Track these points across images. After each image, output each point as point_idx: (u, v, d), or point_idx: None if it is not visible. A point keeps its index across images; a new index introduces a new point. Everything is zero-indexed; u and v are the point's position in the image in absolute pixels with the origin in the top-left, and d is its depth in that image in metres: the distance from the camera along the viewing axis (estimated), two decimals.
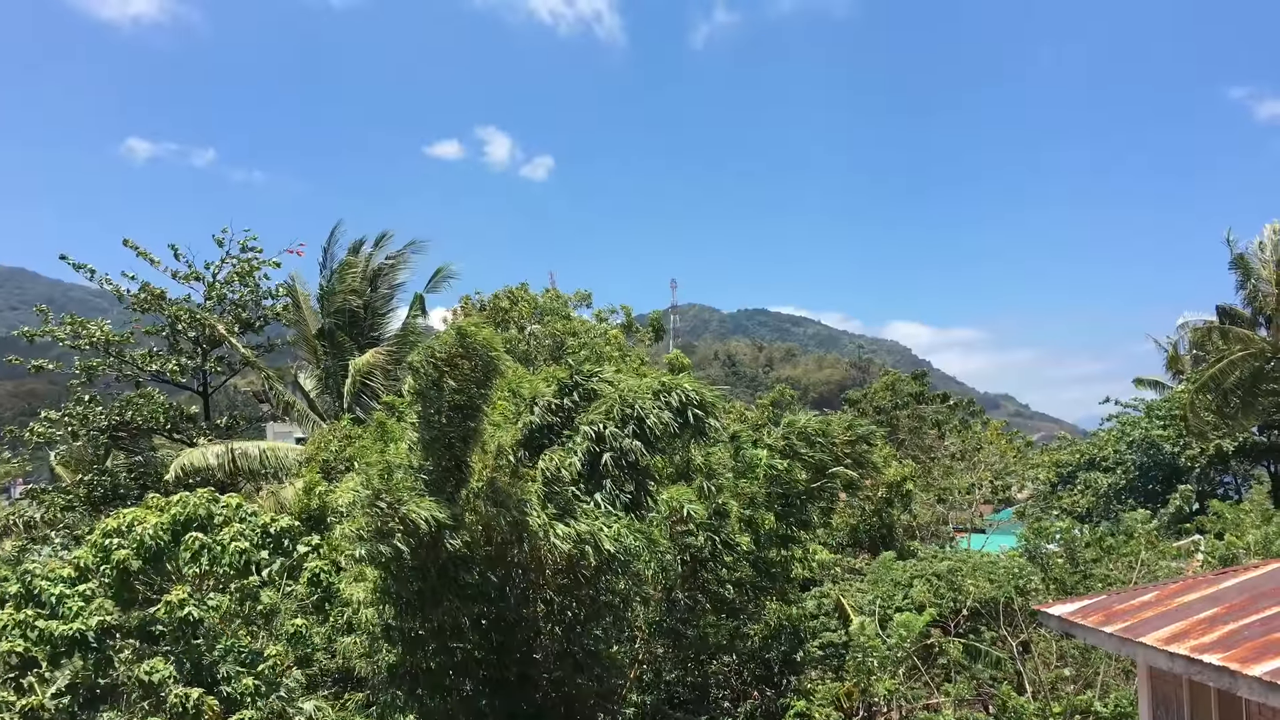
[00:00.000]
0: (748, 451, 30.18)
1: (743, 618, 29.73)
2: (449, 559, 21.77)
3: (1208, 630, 13.27)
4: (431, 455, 22.44)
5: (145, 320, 52.72)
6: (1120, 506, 69.35)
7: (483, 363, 21.85)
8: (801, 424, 31.14)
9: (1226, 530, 39.99)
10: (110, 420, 50.18)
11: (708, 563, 27.82)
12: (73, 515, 47.03)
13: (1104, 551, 35.62)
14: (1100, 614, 15.87)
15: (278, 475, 41.37)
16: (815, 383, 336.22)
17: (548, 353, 47.44)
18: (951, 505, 57.86)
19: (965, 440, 71.83)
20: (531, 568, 23.51)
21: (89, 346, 51.15)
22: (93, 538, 25.27)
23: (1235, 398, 65.93)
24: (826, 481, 30.76)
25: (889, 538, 46.85)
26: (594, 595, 24.24)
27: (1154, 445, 77.22)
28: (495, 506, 22.03)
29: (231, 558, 24.54)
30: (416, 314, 50.53)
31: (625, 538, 22.28)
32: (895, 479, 46.24)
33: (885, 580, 34.44)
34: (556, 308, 53.35)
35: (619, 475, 23.47)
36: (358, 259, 49.16)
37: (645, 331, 61.91)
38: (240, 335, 52.53)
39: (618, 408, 23.63)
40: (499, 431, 23.82)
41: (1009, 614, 31.32)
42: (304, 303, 49.78)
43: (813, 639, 31.40)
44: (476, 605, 22.93)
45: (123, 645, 23.90)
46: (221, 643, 23.27)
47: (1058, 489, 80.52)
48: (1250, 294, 67.81)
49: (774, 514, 29.50)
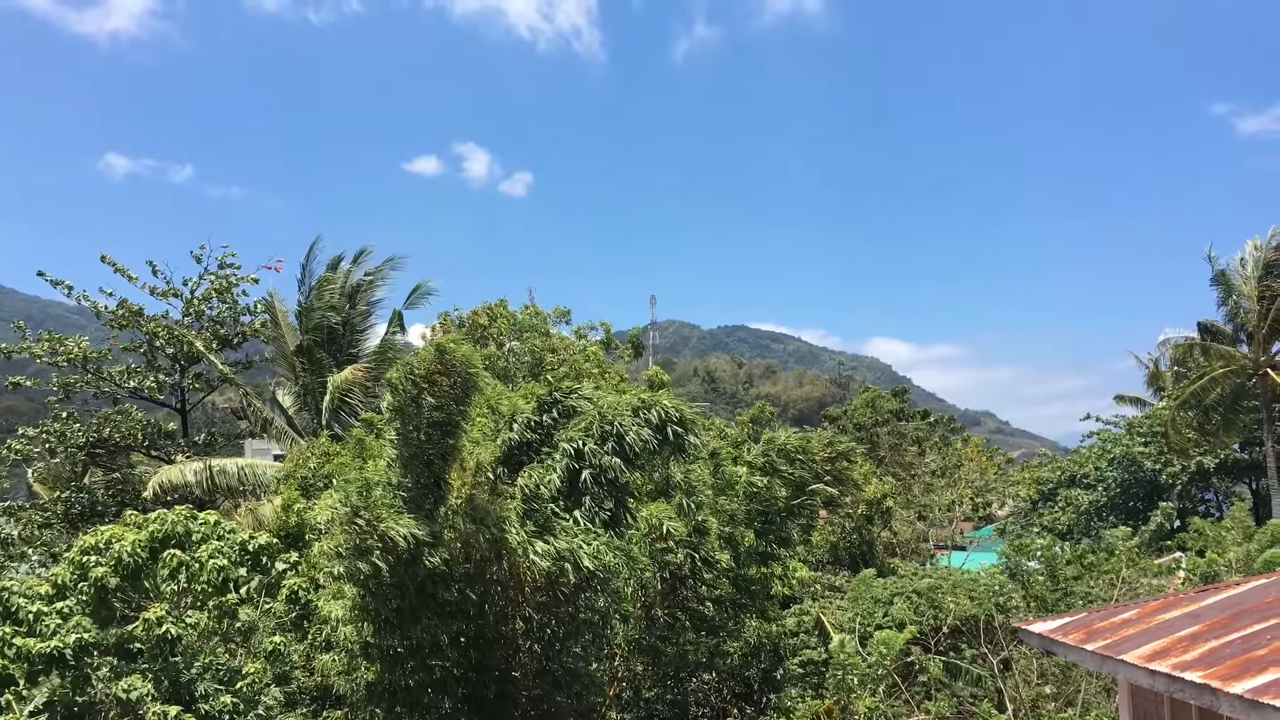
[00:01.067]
0: (727, 468, 30.15)
1: (722, 635, 29.65)
2: (428, 576, 21.67)
3: (1189, 648, 13.22)
4: (410, 472, 22.34)
5: (123, 337, 52.67)
6: (1101, 524, 69.67)
7: (462, 379, 21.78)
8: (781, 441, 31.15)
9: (1208, 547, 40.11)
10: (88, 437, 50.10)
11: (687, 580, 27.77)
12: (50, 532, 47.00)
13: (1085, 569, 35.62)
14: (1081, 631, 15.82)
15: (256, 492, 41.27)
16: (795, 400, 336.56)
17: (527, 369, 47.41)
18: (932, 522, 57.95)
19: (946, 457, 71.86)
20: (510, 585, 23.43)
21: (67, 363, 51.11)
22: (70, 555, 25.13)
23: (1216, 415, 66.30)
24: (806, 499, 30.77)
25: (869, 555, 46.88)
26: (573, 613, 24.15)
27: (1135, 462, 77.53)
28: (474, 524, 21.95)
29: (210, 575, 24.41)
30: (395, 330, 50.45)
31: (604, 555, 22.21)
32: (875, 496, 46.29)
33: (865, 598, 34.40)
34: (535, 324, 53.30)
35: (598, 492, 23.38)
36: (336, 275, 49.01)
37: (624, 348, 61.79)
38: (218, 352, 52.51)
39: (597, 425, 23.55)
40: (478, 448, 23.75)
41: (990, 631, 31.31)
42: (282, 319, 49.63)
43: (793, 656, 31.39)
44: (455, 622, 22.82)
45: (100, 663, 23.71)
46: (199, 660, 23.16)
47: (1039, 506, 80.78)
48: (1232, 310, 68.25)
49: (754, 531, 29.48)
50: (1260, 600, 14.89)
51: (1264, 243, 66.88)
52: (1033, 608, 32.69)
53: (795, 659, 31.35)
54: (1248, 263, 67.02)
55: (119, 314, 51.19)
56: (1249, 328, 67.07)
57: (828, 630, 32.82)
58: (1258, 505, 71.49)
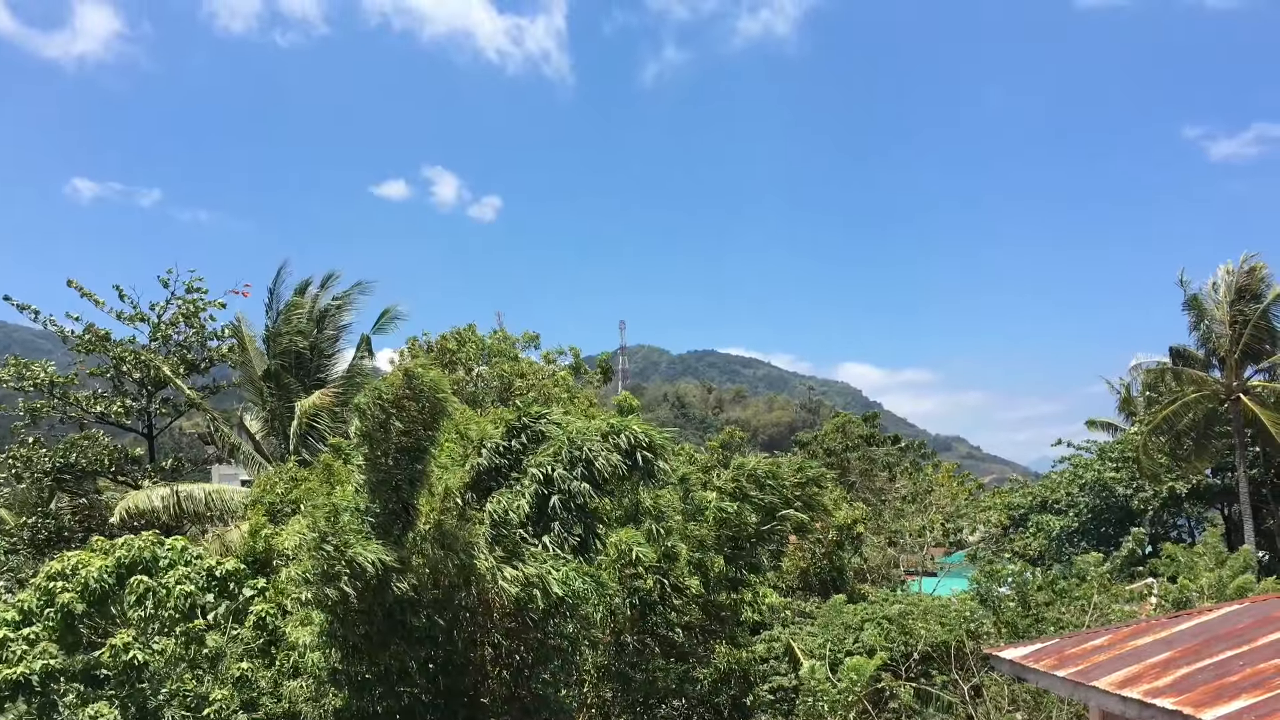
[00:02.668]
0: (697, 494, 30.14)
1: (692, 661, 29.59)
2: (396, 602, 21.58)
3: (1161, 674, 13.17)
4: (378, 498, 22.25)
5: (90, 362, 52.53)
6: (1073, 549, 69.70)
7: (430, 404, 21.71)
8: (751, 466, 31.13)
9: (1180, 573, 40.10)
10: (54, 462, 49.84)
11: (657, 606, 27.72)
12: (16, 558, 46.60)
13: (1056, 595, 35.54)
14: (1053, 658, 15.77)
15: (223, 518, 41.05)
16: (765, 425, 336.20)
17: (495, 394, 47.32)
18: (903, 548, 57.98)
19: (916, 483, 71.96)
20: (479, 611, 23.34)
21: (33, 388, 50.88)
22: (37, 581, 25.05)
23: (1188, 440, 66.43)
24: (776, 524, 30.74)
25: (839, 581, 46.74)
26: (542, 639, 24.07)
27: (1106, 488, 77.57)
28: (442, 549, 21.86)
29: (177, 601, 24.32)
30: (363, 355, 50.20)
31: (574, 581, 22.16)
32: (846, 522, 46.18)
33: (836, 624, 34.27)
34: (504, 349, 53.28)
35: (567, 518, 23.29)
36: (304, 300, 48.80)
37: (594, 373, 61.81)
38: (185, 377, 52.27)
39: (566, 450, 23.46)
40: (446, 474, 23.66)
41: (960, 658, 31.19)
42: (250, 344, 49.40)
43: (762, 683, 31.26)
44: (424, 649, 22.74)
45: (67, 689, 23.59)
46: (166, 687, 23.06)
47: (1010, 532, 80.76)
48: (1204, 335, 68.41)
49: (723, 557, 29.45)
50: (1232, 626, 14.86)
51: (1236, 267, 67.02)
52: (1004, 634, 32.60)
53: (765, 685, 31.22)
54: (1220, 287, 67.20)
55: (86, 339, 51.07)
56: (1221, 352, 67.21)
57: (798, 656, 32.68)
58: (1230, 531, 71.63)
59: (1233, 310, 66.07)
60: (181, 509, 41.32)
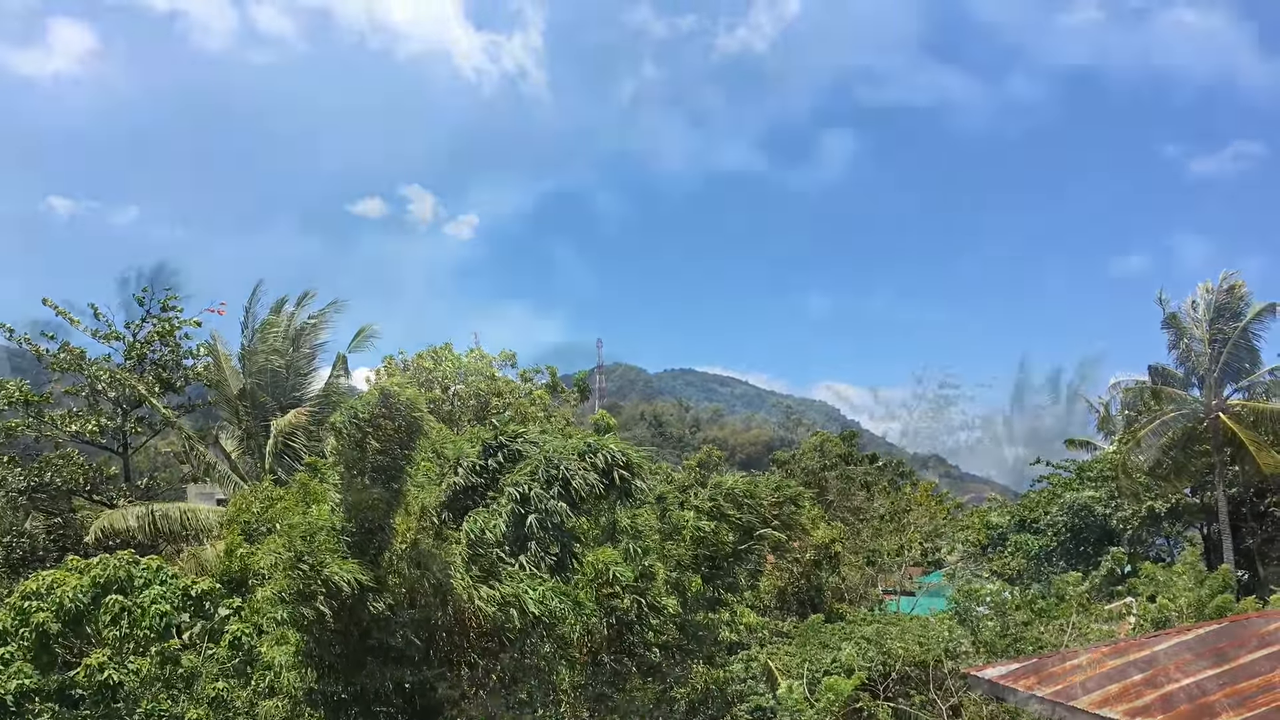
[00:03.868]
0: (674, 513, 30.06)
1: (669, 681, 29.48)
2: (372, 622, 21.50)
3: (1140, 694, 13.13)
4: (354, 517, 22.15)
5: (65, 380, 52.24)
6: (1051, 569, 69.76)
7: (406, 423, 21.65)
8: (729, 485, 31.07)
9: (1159, 593, 40.15)
10: (29, 481, 49.53)
11: (634, 625, 27.60)
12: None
13: (1035, 614, 35.57)
14: (1032, 677, 15.71)
15: (199, 537, 40.89)
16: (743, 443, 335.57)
17: (472, 413, 47.30)
18: (881, 567, 57.87)
19: (894, 502, 71.86)
20: (456, 631, 23.25)
21: (7, 407, 50.54)
22: (11, 600, 24.96)
23: (1167, 459, 66.42)
24: (754, 543, 30.68)
25: (817, 600, 46.70)
26: (519, 658, 24.01)
27: (1085, 507, 77.52)
28: (419, 569, 21.80)
29: (152, 620, 24.23)
30: (339, 374, 50.06)
31: (550, 600, 22.12)
32: (824, 541, 46.16)
33: (813, 643, 34.25)
34: (481, 368, 53.26)
35: (544, 537, 23.25)
36: (279, 318, 48.71)
37: (571, 392, 61.83)
38: (161, 395, 52.02)
39: (543, 469, 23.42)
40: (422, 493, 23.62)
41: (939, 677, 31.17)
42: (225, 362, 49.28)
43: (740, 703, 31.21)
44: (400, 669, 22.61)
45: (41, 709, 23.52)
46: (142, 706, 23.00)
47: (988, 551, 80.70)
48: (1183, 354, 68.47)
49: (701, 576, 29.38)
50: (1211, 646, 14.81)
51: (1215, 286, 67.20)
52: (982, 653, 32.57)
53: (743, 705, 31.18)
54: (1199, 306, 67.30)
55: (60, 357, 50.80)
56: (1200, 371, 67.28)
57: (775, 676, 32.63)
58: (1209, 550, 71.57)
59: (1212, 329, 66.19)
60: (157, 528, 41.18)
